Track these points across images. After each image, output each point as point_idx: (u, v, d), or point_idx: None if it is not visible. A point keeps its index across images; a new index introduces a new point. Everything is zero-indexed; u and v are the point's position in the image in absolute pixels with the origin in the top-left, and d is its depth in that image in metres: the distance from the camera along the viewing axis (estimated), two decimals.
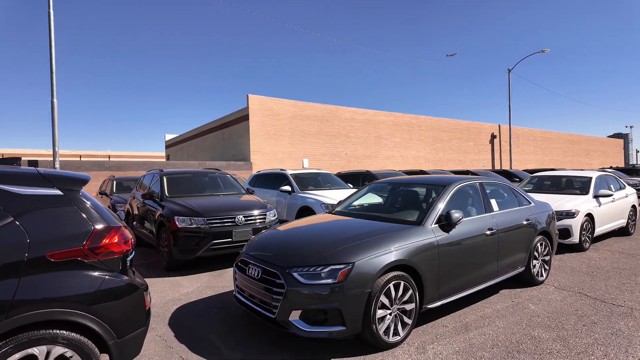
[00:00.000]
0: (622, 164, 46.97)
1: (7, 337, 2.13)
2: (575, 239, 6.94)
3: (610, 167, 22.56)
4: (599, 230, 7.61)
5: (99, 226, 2.54)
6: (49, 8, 12.73)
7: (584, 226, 7.14)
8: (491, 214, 4.50)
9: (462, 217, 3.90)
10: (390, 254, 3.34)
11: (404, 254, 3.41)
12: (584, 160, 40.14)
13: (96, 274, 2.45)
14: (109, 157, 54.61)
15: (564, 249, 7.25)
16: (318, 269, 3.17)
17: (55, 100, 12.86)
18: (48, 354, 2.23)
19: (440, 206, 4.05)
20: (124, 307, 2.53)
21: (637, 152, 76.11)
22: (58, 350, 2.26)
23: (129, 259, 2.70)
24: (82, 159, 51.62)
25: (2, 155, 45.14)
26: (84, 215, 2.51)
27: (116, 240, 2.58)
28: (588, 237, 7.26)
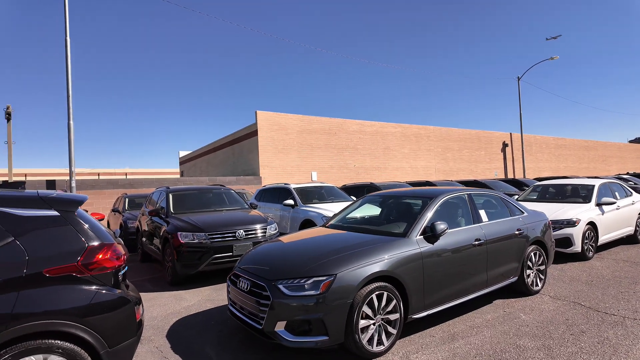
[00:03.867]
0: None
1: (7, 347, 2.34)
2: (577, 247, 6.89)
3: (627, 173, 22.06)
4: (603, 238, 7.53)
5: (93, 243, 2.75)
6: (66, 36, 13.42)
7: (586, 235, 7.08)
8: (479, 224, 4.58)
9: (447, 229, 4.00)
10: (373, 265, 3.47)
11: (387, 265, 3.53)
12: (601, 166, 39.26)
13: (89, 287, 2.65)
14: (126, 175, 55.98)
15: (567, 258, 7.19)
16: (302, 281, 3.32)
17: (71, 122, 13.44)
18: None
19: (426, 218, 4.16)
20: (116, 319, 2.72)
21: None
22: (53, 359, 2.46)
23: (121, 273, 2.90)
24: (101, 177, 53.07)
25: (26, 176, 46.95)
26: (78, 233, 2.73)
27: (109, 256, 2.79)
28: (591, 245, 7.19)
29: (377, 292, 3.43)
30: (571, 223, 6.97)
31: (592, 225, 7.28)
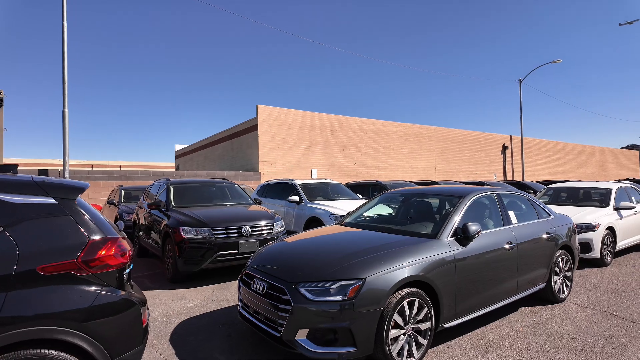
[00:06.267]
0: (638, 176, 45.87)
1: None
2: (596, 253, 6.62)
3: (627, 179, 21.97)
4: (620, 244, 7.27)
5: (95, 237, 2.39)
6: (63, 20, 12.92)
7: (605, 240, 6.82)
8: (510, 226, 4.27)
9: (480, 230, 3.67)
10: (404, 269, 3.13)
11: (418, 269, 3.20)
12: (598, 172, 39.33)
13: (90, 288, 2.29)
14: (120, 167, 55.19)
15: (585, 264, 6.92)
16: (327, 285, 2.97)
17: (66, 110, 12.95)
18: None
19: (457, 218, 3.83)
20: (119, 325, 2.36)
21: None
22: None
23: (126, 272, 2.54)
24: (94, 168, 52.22)
25: (18, 166, 45.84)
26: (79, 225, 2.37)
27: (112, 252, 2.43)
28: (609, 251, 6.93)
29: (408, 299, 3.10)
30: (590, 227, 6.70)
31: (610, 230, 7.01)
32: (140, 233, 7.92)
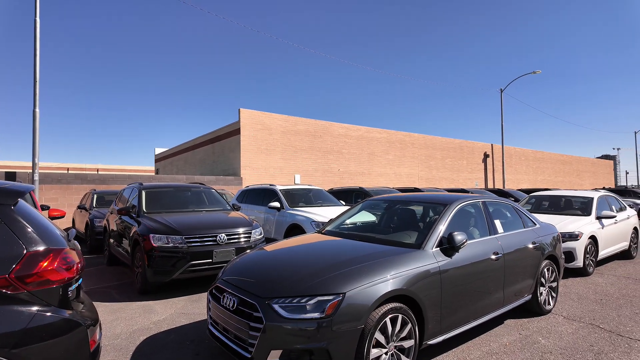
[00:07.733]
0: (612, 185, 47.29)
1: None
2: (579, 262, 6.56)
3: (604, 188, 22.46)
4: (602, 253, 7.25)
5: (35, 248, 2.08)
6: (35, 16, 12.38)
7: (588, 249, 6.77)
8: (496, 236, 4.10)
9: (466, 240, 3.48)
10: (387, 282, 2.91)
11: (402, 283, 2.98)
12: (575, 180, 40.30)
13: (25, 308, 1.97)
14: (98, 171, 53.62)
15: (568, 273, 6.86)
16: (303, 301, 2.72)
17: (37, 110, 12.35)
18: None
19: (442, 227, 3.64)
20: (60, 350, 2.05)
21: (627, 173, 77.15)
22: None
23: (71, 288, 2.23)
24: (70, 171, 50.48)
25: None
26: (15, 235, 2.05)
27: (55, 266, 2.12)
28: (592, 260, 6.89)
29: (391, 315, 2.87)
30: (573, 236, 6.64)
31: (593, 239, 6.98)
32: (111, 240, 7.49)
